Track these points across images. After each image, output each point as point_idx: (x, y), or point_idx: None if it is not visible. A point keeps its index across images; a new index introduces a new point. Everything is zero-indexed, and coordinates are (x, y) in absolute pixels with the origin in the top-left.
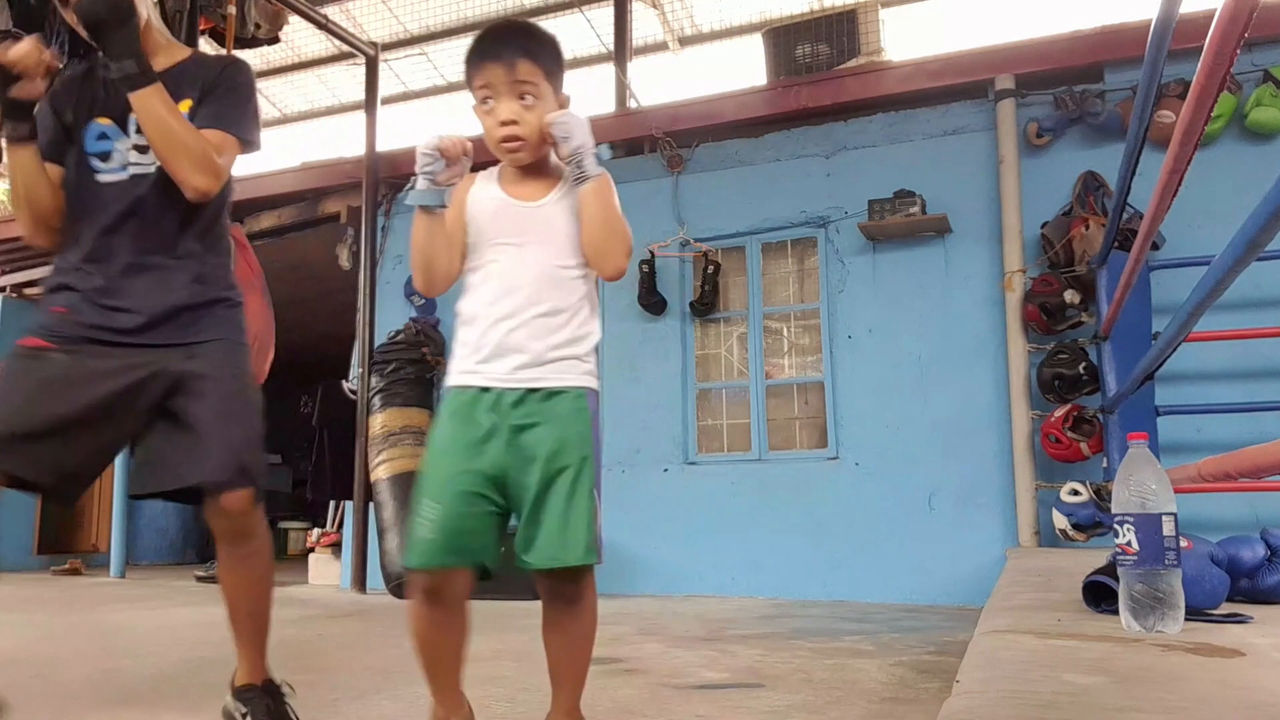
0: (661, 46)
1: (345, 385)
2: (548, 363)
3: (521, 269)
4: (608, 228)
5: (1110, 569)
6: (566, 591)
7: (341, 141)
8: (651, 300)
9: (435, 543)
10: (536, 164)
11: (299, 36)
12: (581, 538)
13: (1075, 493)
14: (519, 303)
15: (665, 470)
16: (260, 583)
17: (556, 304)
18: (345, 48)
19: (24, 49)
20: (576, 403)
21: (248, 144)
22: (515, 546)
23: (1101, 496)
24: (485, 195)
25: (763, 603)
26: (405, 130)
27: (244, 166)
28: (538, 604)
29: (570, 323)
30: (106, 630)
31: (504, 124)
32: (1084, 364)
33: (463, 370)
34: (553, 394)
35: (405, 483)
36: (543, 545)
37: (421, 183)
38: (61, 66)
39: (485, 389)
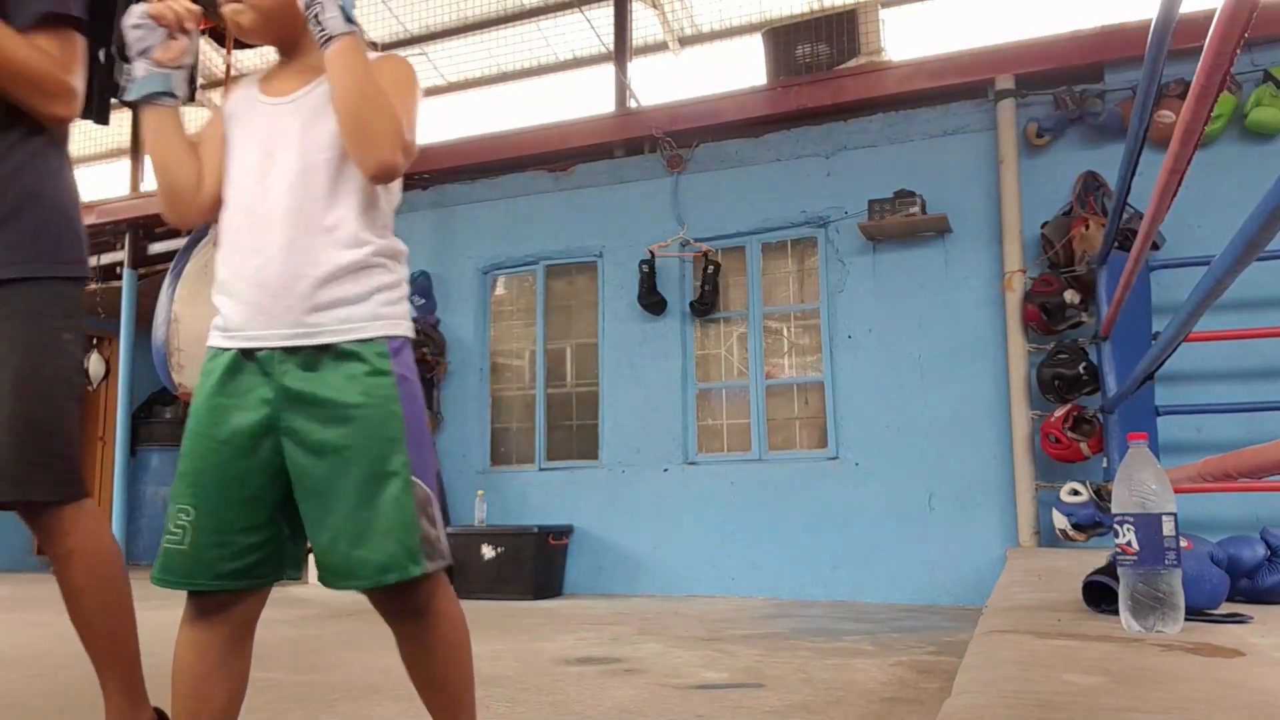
0: (661, 46)
1: None
2: (325, 307)
3: (270, 182)
4: (359, 102)
5: (1110, 569)
6: (400, 609)
7: None
8: (651, 300)
9: (188, 557)
10: (303, 49)
11: None
12: (394, 544)
13: (1075, 493)
14: (272, 229)
15: (665, 470)
16: (94, 590)
17: (325, 227)
18: None
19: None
20: (375, 361)
21: (75, 23)
22: (314, 557)
23: (1101, 496)
24: (239, 97)
25: (763, 603)
26: None
27: None
28: (539, 604)
29: (351, 249)
30: None
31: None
32: (1084, 364)
33: (218, 328)
34: (340, 353)
35: None
36: (338, 559)
37: (140, 67)
38: None
39: (247, 352)
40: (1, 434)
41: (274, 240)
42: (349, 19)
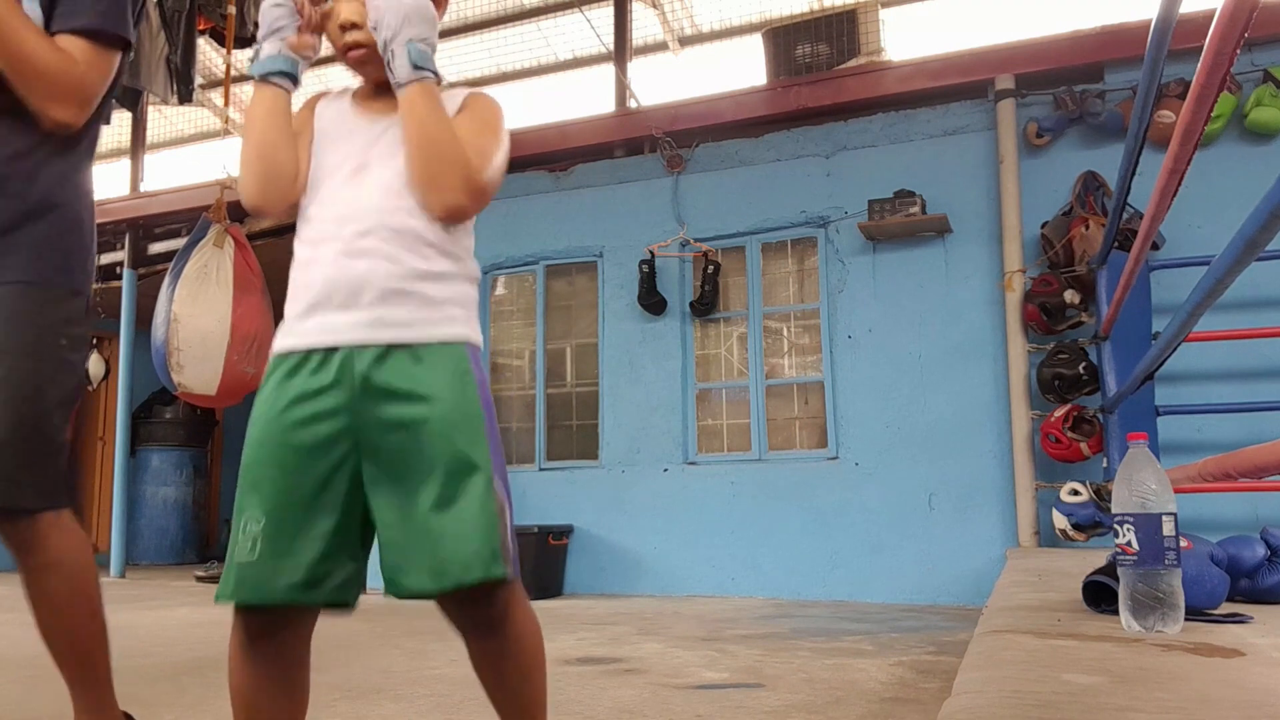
0: (661, 46)
1: None
2: (408, 307)
3: (363, 191)
4: (425, 149)
5: (1110, 569)
6: (479, 617)
7: None
8: (651, 300)
9: (260, 570)
10: None
11: None
12: (477, 546)
13: (1075, 493)
14: (362, 232)
15: (665, 470)
16: (70, 603)
17: (413, 232)
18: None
19: None
20: (458, 363)
21: (112, 39)
22: (381, 568)
23: (1101, 496)
24: (332, 108)
25: (763, 603)
26: None
27: None
28: (539, 604)
29: (436, 256)
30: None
31: (344, 27)
32: (1084, 364)
33: (294, 328)
34: (425, 351)
35: None
36: (419, 564)
37: (270, 45)
38: None
39: (325, 350)
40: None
41: (362, 242)
42: (417, 66)
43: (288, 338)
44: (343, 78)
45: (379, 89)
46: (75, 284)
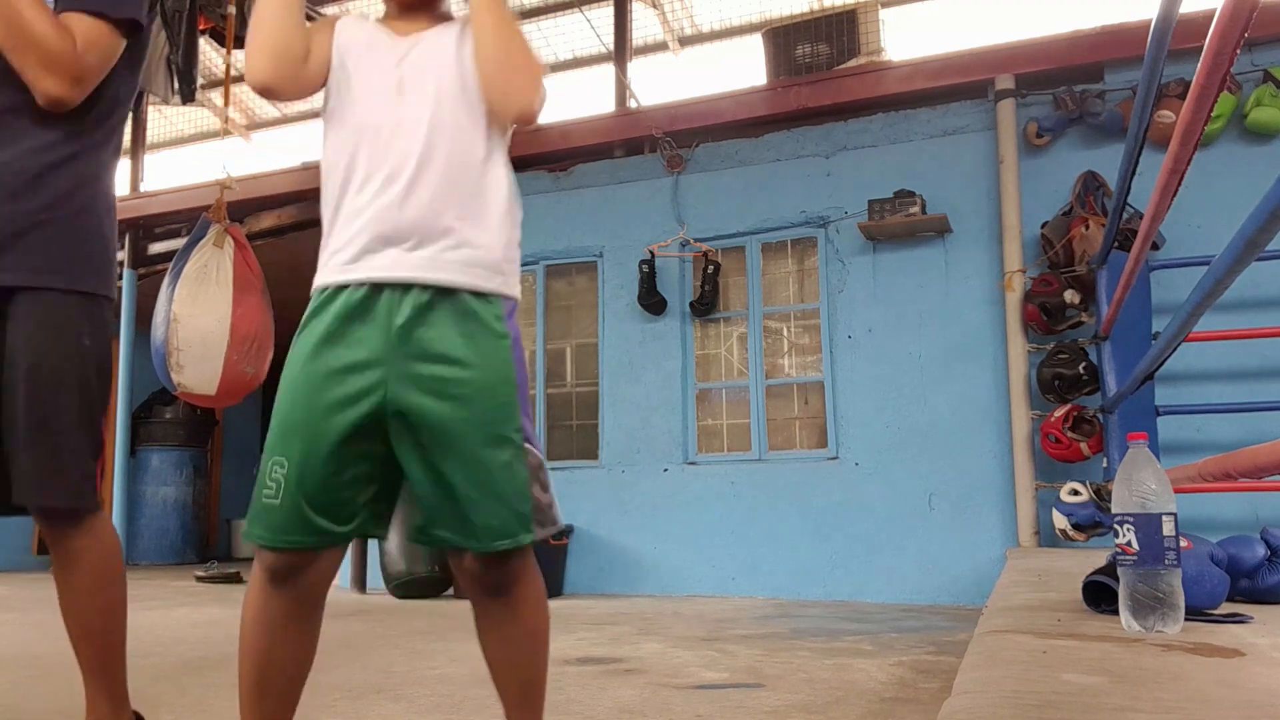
0: (661, 46)
1: None
2: (452, 249)
3: (402, 121)
4: (503, 44)
5: (1110, 569)
6: (492, 579)
7: None
8: (651, 300)
9: (285, 512)
10: (425, 5)
11: None
12: (508, 510)
13: (1075, 493)
14: (403, 166)
15: (665, 470)
16: (93, 603)
17: (461, 166)
18: None
19: None
20: (493, 323)
21: (117, 21)
22: (408, 516)
23: (1101, 496)
24: (357, 28)
25: (763, 603)
26: None
27: (244, 166)
28: None
29: (483, 195)
30: None
31: None
32: (1084, 364)
33: (330, 264)
34: (466, 302)
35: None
36: (450, 519)
37: None
38: None
39: (367, 286)
40: (20, 441)
41: (410, 170)
42: None
43: (329, 274)
44: None
45: (407, 11)
46: (97, 289)
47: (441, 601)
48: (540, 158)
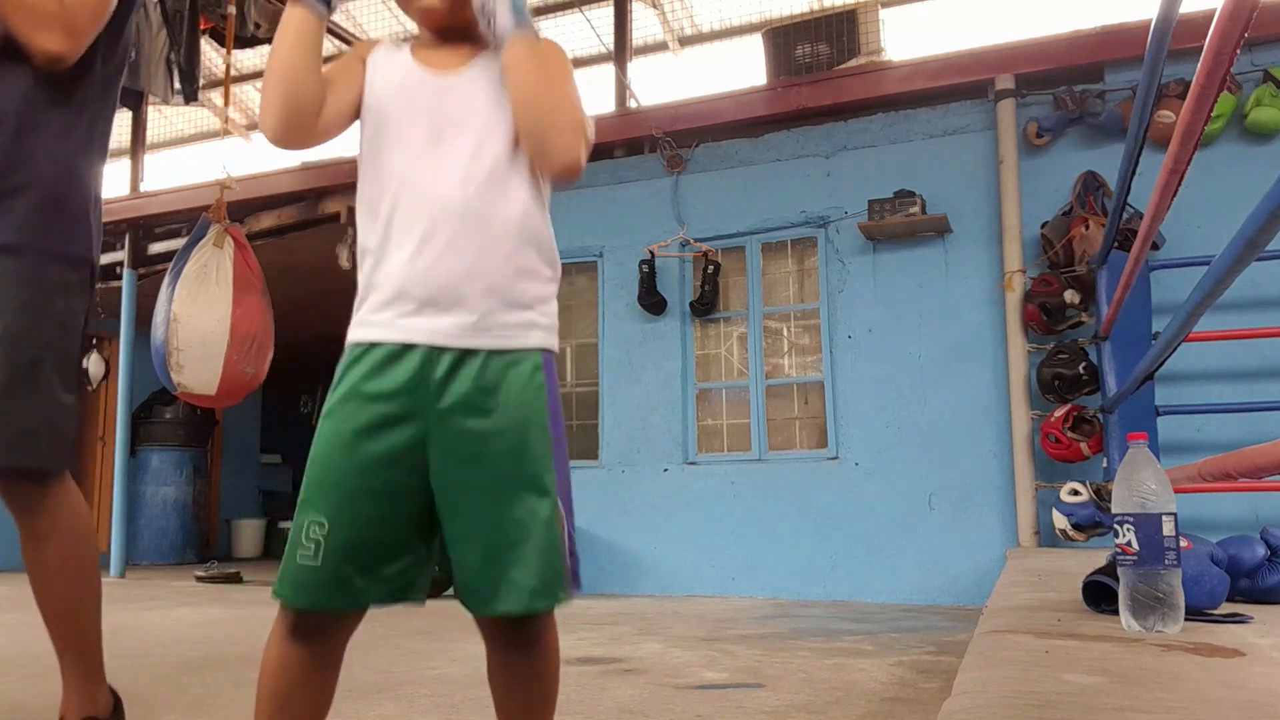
0: (661, 46)
1: None
2: (494, 311)
3: (443, 169)
4: (545, 99)
5: (1110, 569)
6: (519, 635)
7: (342, 141)
8: (651, 300)
9: (325, 575)
10: (462, 29)
11: None
12: (547, 568)
13: (1075, 493)
14: (445, 220)
15: (665, 470)
16: (65, 575)
17: (501, 221)
18: (345, 48)
19: None
20: (534, 375)
21: None
22: (454, 577)
23: (1101, 496)
24: (391, 62)
25: (763, 603)
26: None
27: (244, 166)
28: None
29: (523, 249)
30: (107, 630)
31: None
32: (1084, 364)
33: (370, 321)
34: (503, 361)
35: None
36: (488, 580)
37: None
38: None
39: (403, 347)
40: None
41: (448, 229)
42: (520, 17)
43: (366, 329)
44: None
45: (445, 39)
46: (71, 252)
47: (442, 601)
48: None
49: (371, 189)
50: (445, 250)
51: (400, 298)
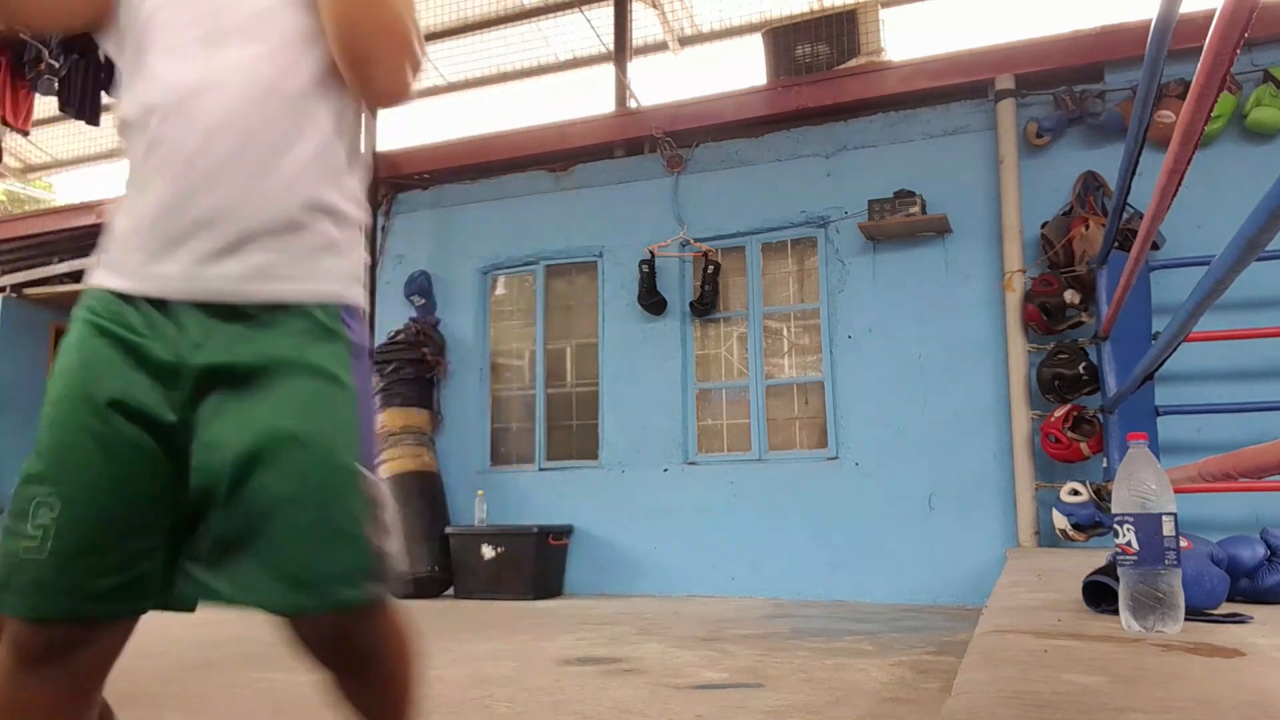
0: (661, 46)
1: None
2: (271, 252)
3: (218, 85)
4: (362, 5)
5: (1110, 569)
6: (337, 646)
7: None
8: (651, 300)
9: (47, 569)
10: None
11: None
12: (337, 560)
13: (1075, 493)
14: (214, 141)
15: (665, 470)
16: None
17: (290, 144)
18: None
19: None
20: (327, 322)
21: None
22: (194, 569)
23: (1101, 496)
24: None
25: (763, 603)
26: (405, 130)
27: None
28: (539, 604)
29: (314, 175)
30: None
31: None
32: (1084, 364)
33: (121, 263)
34: (283, 310)
35: (406, 483)
36: (260, 575)
37: None
38: None
39: (152, 303)
40: None
41: (214, 156)
42: None
43: (111, 274)
44: None
45: None
46: None
47: (441, 601)
48: (540, 158)
49: (129, 104)
50: (214, 179)
51: (157, 236)
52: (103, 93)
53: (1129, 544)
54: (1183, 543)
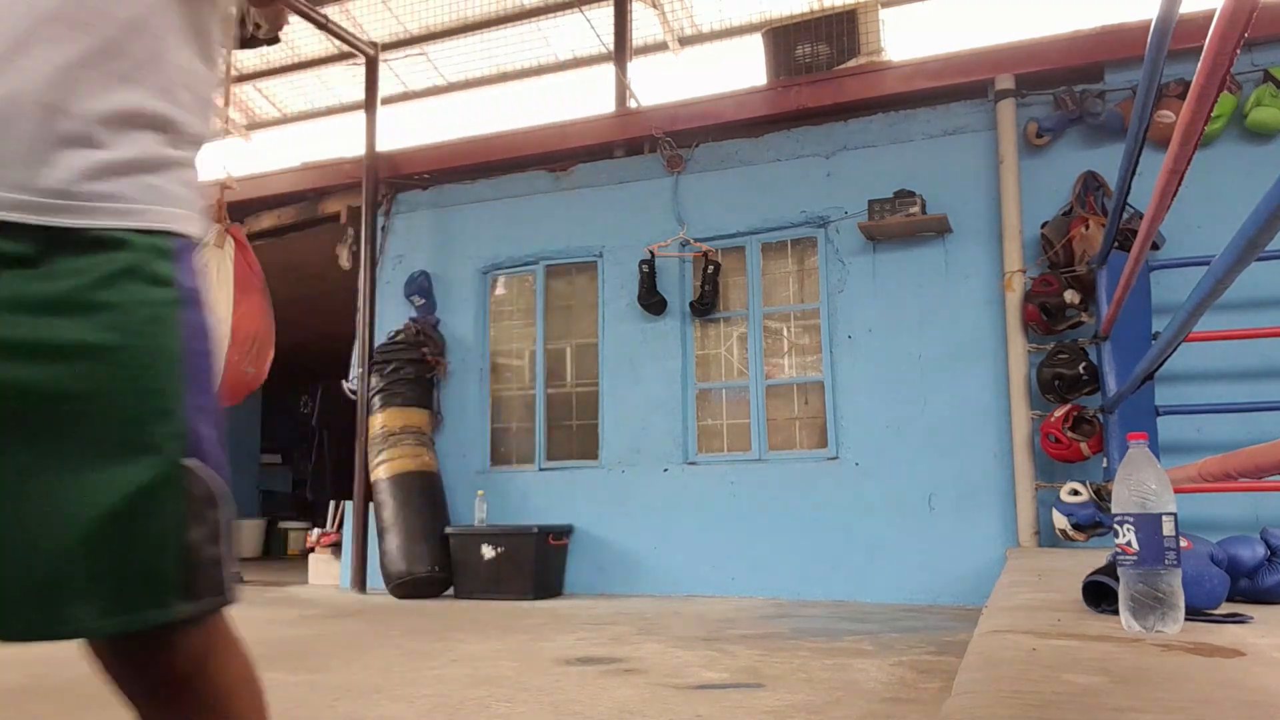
0: (661, 46)
1: (345, 385)
2: (79, 166)
3: None
4: None
5: (1110, 569)
6: (152, 674)
7: (341, 141)
8: (651, 300)
9: None
10: None
11: (299, 36)
12: (134, 570)
13: (1075, 493)
14: (12, 23)
15: (665, 470)
16: None
17: (112, 34)
18: (345, 47)
19: None
20: (148, 260)
21: None
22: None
23: (1101, 496)
24: None
25: (763, 603)
26: (405, 130)
27: (244, 166)
28: (539, 604)
29: (142, 81)
30: None
31: None
32: (1084, 364)
33: None
34: (91, 241)
35: (405, 483)
36: (25, 590)
37: None
38: None
39: None
40: None
41: (6, 40)
42: None
43: None
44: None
45: None
46: None
47: (441, 601)
48: (540, 158)
49: None
50: (5, 62)
51: None
52: None
53: (1129, 544)
54: (1183, 543)
